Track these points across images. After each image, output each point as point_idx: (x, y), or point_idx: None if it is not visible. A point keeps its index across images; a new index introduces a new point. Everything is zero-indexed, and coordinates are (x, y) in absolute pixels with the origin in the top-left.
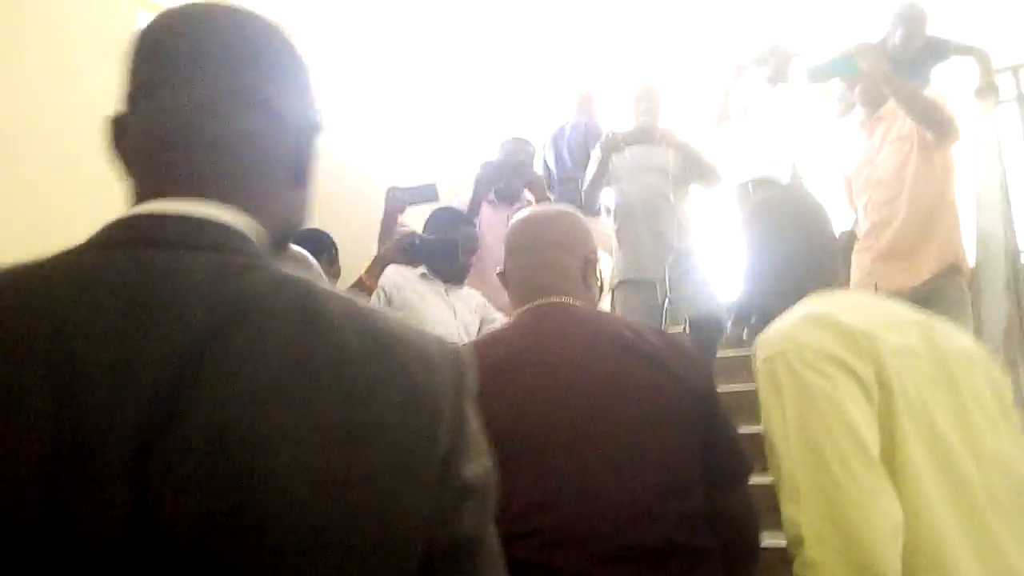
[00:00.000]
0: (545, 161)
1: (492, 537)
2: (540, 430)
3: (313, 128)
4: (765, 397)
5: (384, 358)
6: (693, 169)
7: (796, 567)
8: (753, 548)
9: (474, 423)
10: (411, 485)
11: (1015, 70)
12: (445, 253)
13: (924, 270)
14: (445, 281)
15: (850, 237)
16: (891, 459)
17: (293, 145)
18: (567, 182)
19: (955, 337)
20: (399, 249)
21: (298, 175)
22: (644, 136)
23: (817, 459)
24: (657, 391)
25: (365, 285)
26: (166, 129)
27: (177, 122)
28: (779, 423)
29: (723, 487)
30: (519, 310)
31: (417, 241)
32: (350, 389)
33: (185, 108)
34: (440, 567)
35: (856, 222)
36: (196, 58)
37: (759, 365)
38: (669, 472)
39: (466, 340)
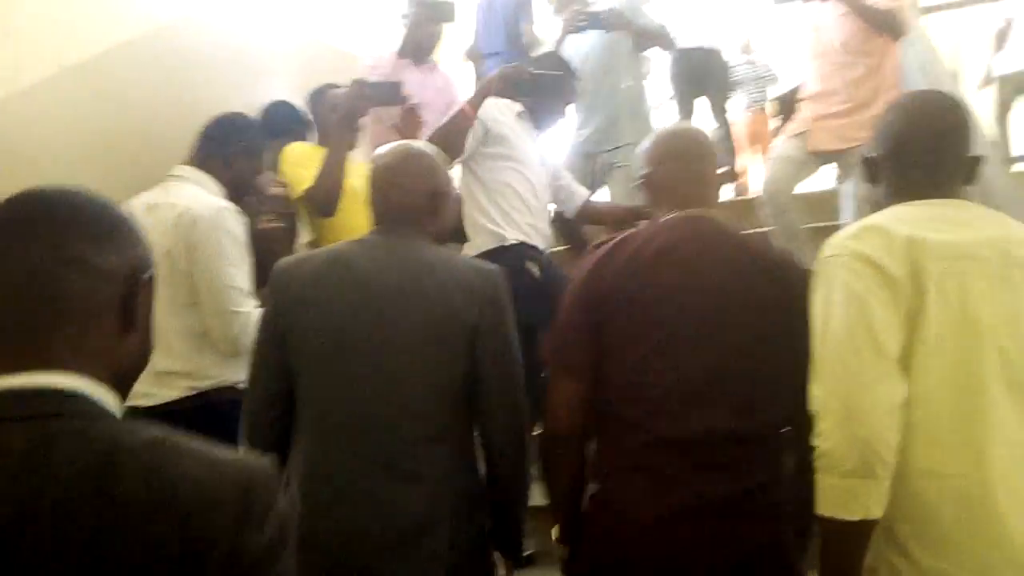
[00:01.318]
0: (477, 28)
1: None
2: (677, 322)
3: (136, 275)
4: (814, 291)
5: (165, 509)
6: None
7: (813, 435)
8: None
9: (261, 539)
10: None
11: None
12: (554, 93)
13: (859, 136)
14: (536, 127)
15: (793, 93)
16: (912, 349)
17: (118, 295)
18: (494, 57)
19: None
20: (506, 80)
21: (126, 322)
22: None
23: (836, 346)
24: (773, 303)
25: (467, 115)
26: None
27: (3, 291)
28: (819, 313)
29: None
30: (669, 215)
31: (527, 76)
32: (140, 544)
33: (11, 275)
34: None
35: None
36: (21, 229)
37: (817, 264)
38: (772, 378)
39: (546, 187)
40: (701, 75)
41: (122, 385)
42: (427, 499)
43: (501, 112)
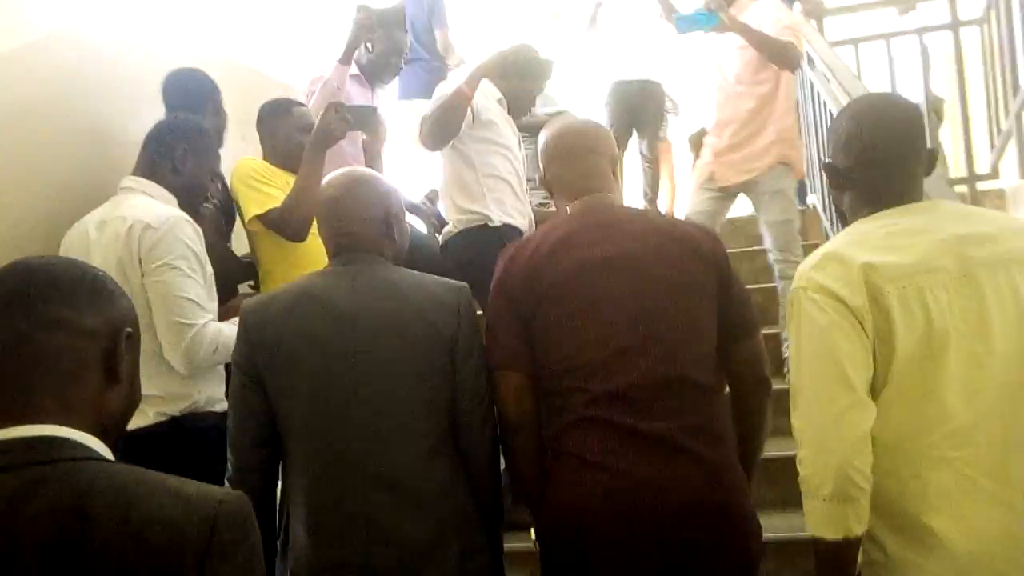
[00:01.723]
0: None
1: None
2: (592, 291)
3: (117, 333)
4: (788, 321)
5: (137, 546)
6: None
7: (797, 461)
8: (763, 379)
9: (229, 570)
10: None
11: None
12: (537, 77)
13: (756, 166)
14: (510, 113)
15: (701, 133)
16: (887, 369)
17: (100, 351)
18: (415, 63)
19: (997, 241)
20: (503, 59)
21: (109, 376)
22: None
23: (806, 378)
24: (689, 263)
25: (464, 95)
26: None
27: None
28: (793, 346)
29: (734, 339)
30: (570, 204)
31: (523, 58)
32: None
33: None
34: None
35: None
36: (5, 299)
37: (789, 296)
38: (689, 321)
39: (521, 171)
40: (635, 107)
41: (110, 433)
42: (433, 523)
43: (486, 97)
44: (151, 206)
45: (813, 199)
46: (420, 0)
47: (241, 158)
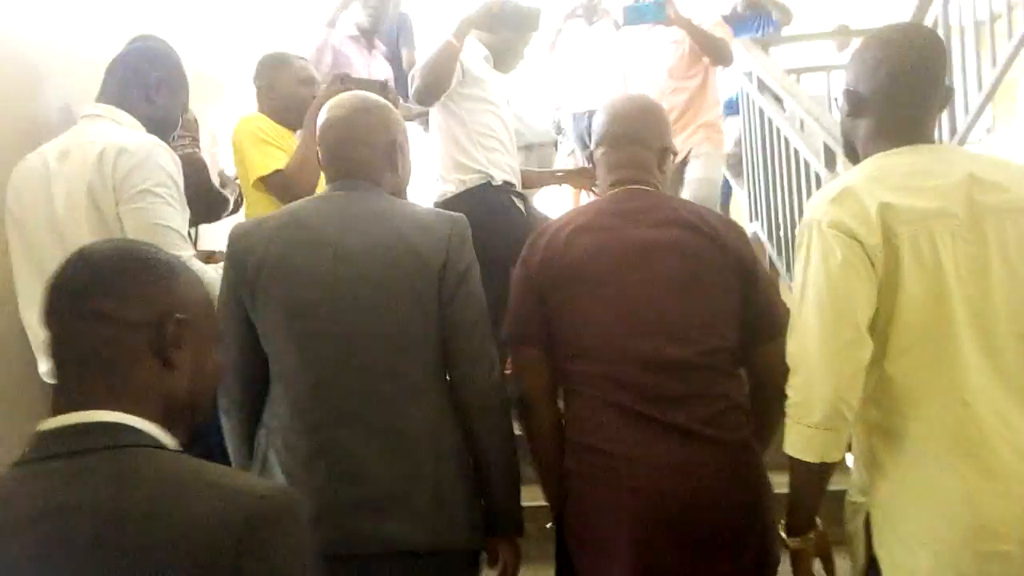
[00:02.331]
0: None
1: None
2: (610, 272)
3: (165, 321)
4: (797, 251)
5: (179, 542)
6: None
7: (786, 386)
8: (779, 386)
9: (263, 568)
10: None
11: None
12: (526, 28)
13: (686, 146)
14: (497, 65)
15: None
16: (892, 309)
17: (147, 341)
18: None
19: (1007, 189)
20: (488, 9)
21: (165, 363)
22: None
23: (811, 309)
24: (707, 254)
25: (452, 46)
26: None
27: (61, 348)
28: (799, 275)
29: (758, 341)
30: (607, 192)
31: (509, 8)
32: (151, 571)
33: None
34: None
35: None
36: (61, 294)
37: (802, 225)
38: (703, 313)
39: (510, 125)
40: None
41: (178, 419)
42: (407, 465)
43: (474, 55)
44: (123, 132)
45: (756, 227)
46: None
47: (243, 116)
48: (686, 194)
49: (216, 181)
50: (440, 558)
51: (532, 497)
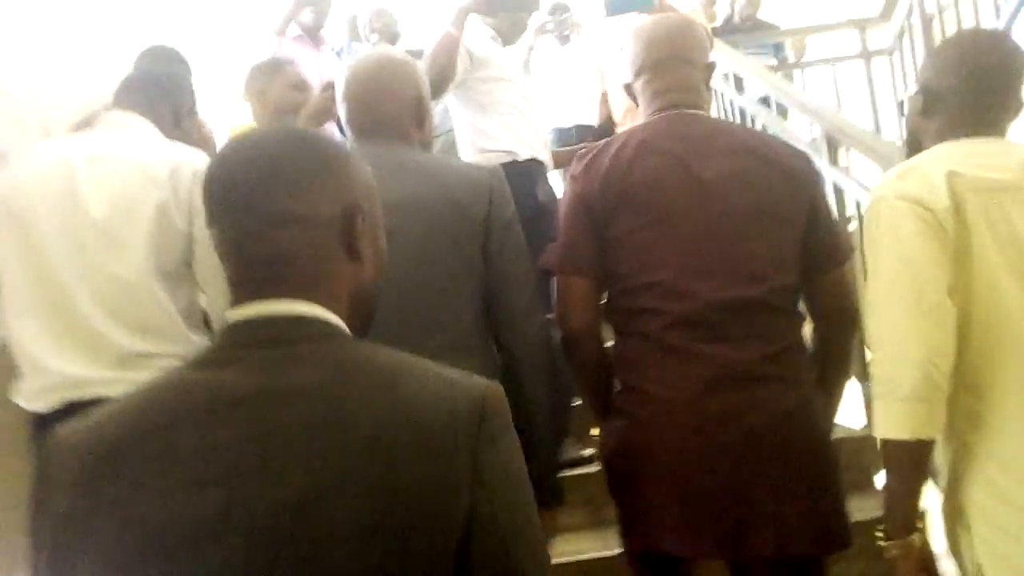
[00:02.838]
0: None
1: (529, 553)
2: (678, 203)
3: (349, 213)
4: (866, 232)
5: (407, 426)
6: None
7: (870, 367)
8: (851, 313)
9: (500, 467)
10: (438, 532)
11: None
12: (522, 5)
13: None
14: (505, 44)
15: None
16: (967, 278)
17: (333, 236)
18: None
19: None
20: None
21: (351, 256)
22: None
23: (889, 284)
24: (774, 184)
25: (452, 36)
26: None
27: (242, 249)
28: (869, 255)
29: (821, 268)
30: (655, 114)
31: None
32: (380, 459)
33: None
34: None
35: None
36: (238, 193)
37: (869, 206)
38: (771, 248)
39: (529, 98)
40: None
41: (360, 313)
42: None
43: (477, 37)
44: (182, 149)
45: None
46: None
47: (233, 125)
48: None
49: None
50: None
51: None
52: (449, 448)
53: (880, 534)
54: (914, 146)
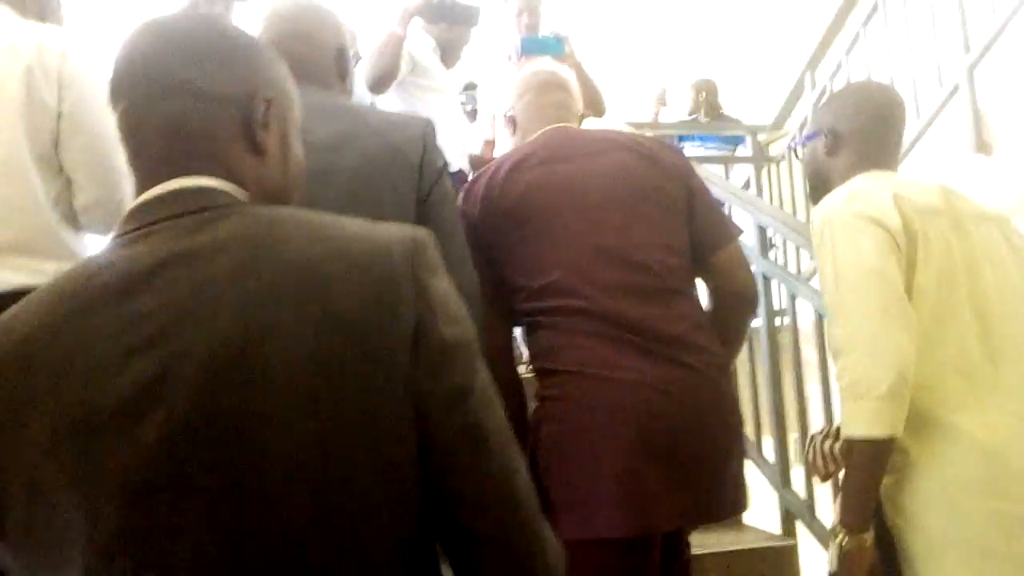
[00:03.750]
0: None
1: (484, 383)
2: (556, 205)
3: (253, 99)
4: (823, 248)
5: (340, 258)
6: None
7: (837, 371)
8: (743, 291)
9: (441, 291)
10: (381, 357)
11: None
12: (466, 22)
13: None
14: (443, 59)
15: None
16: (909, 292)
17: (237, 120)
18: None
19: (971, 201)
20: (425, 3)
21: (254, 147)
22: None
23: (854, 293)
24: (649, 173)
25: (396, 36)
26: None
27: (140, 123)
28: (829, 269)
29: (709, 249)
30: (534, 134)
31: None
32: (315, 292)
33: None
34: (439, 417)
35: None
36: (138, 66)
37: (816, 228)
38: (655, 233)
39: (459, 115)
40: None
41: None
42: None
43: (422, 45)
44: (49, 26)
45: None
46: None
47: None
48: None
49: None
50: None
51: None
52: (387, 274)
53: (840, 531)
54: (819, 186)
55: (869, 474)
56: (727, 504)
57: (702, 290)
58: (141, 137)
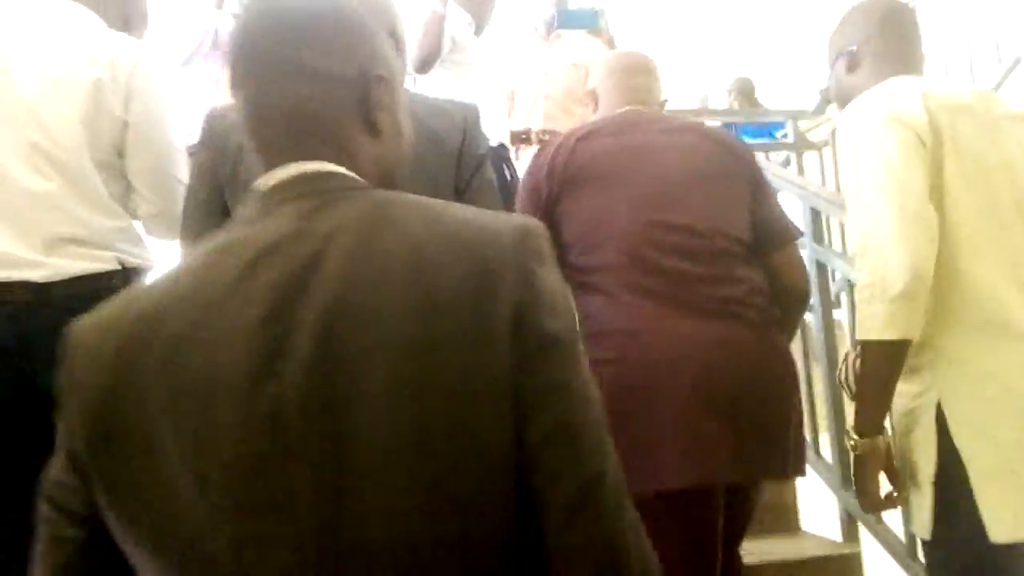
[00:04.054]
0: None
1: (582, 381)
2: (622, 170)
3: (366, 77)
4: (847, 148)
5: (449, 242)
6: None
7: (857, 272)
8: (799, 292)
9: (548, 283)
10: (481, 343)
11: None
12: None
13: None
14: (477, 32)
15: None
16: (938, 188)
17: (352, 99)
18: None
19: (1007, 104)
20: None
21: (370, 126)
22: None
23: (872, 191)
24: (719, 158)
25: (437, 15)
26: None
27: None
28: (851, 170)
29: (771, 248)
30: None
31: None
32: (422, 275)
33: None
34: (528, 411)
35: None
36: (251, 49)
37: (843, 130)
38: (714, 205)
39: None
40: None
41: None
42: None
43: (457, 21)
44: (124, 37)
45: None
46: None
47: None
48: None
49: None
50: None
51: None
52: (493, 258)
53: (853, 436)
54: (844, 98)
55: (883, 378)
56: (788, 462)
57: None
58: (262, 122)
